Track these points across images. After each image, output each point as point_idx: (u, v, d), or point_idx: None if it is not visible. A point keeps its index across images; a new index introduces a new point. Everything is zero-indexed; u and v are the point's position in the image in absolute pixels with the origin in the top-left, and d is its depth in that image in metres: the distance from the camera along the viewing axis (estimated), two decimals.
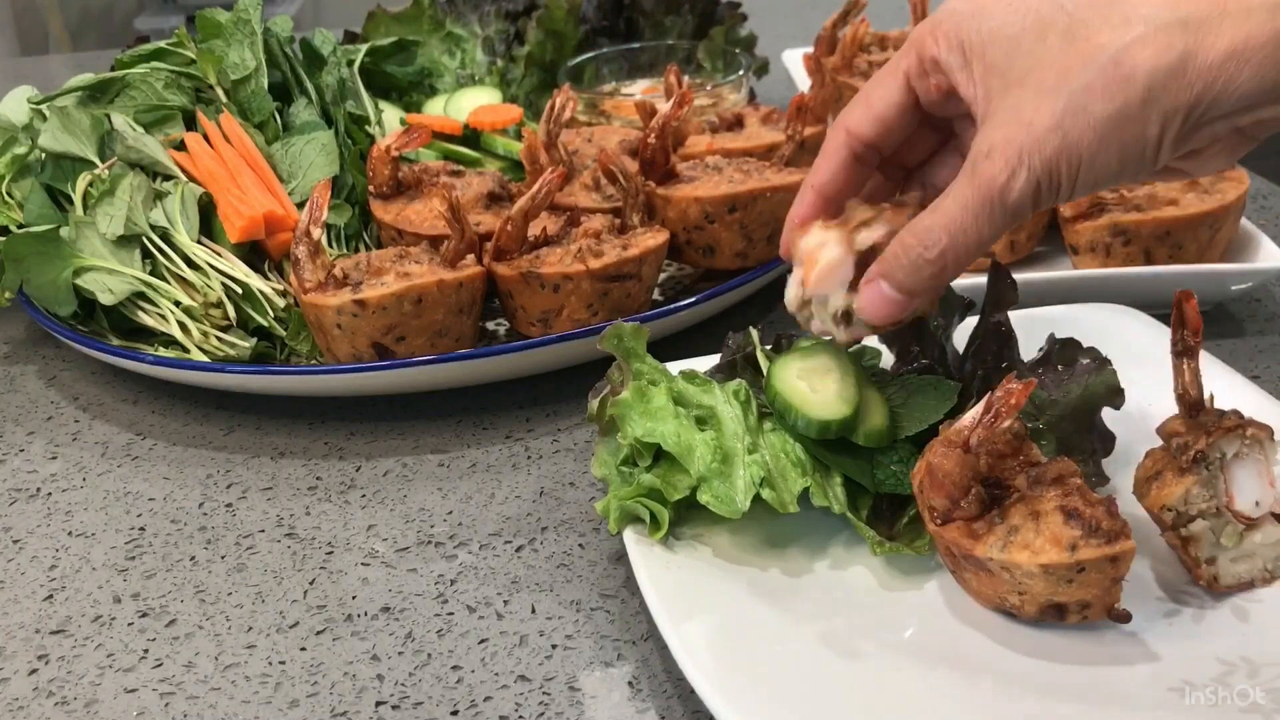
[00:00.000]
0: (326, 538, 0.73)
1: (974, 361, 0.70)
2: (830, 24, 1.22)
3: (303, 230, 0.81)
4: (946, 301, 0.71)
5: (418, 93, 1.19)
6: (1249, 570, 0.60)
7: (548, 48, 1.23)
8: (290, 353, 0.87)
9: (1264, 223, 1.02)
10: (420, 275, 0.80)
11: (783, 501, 0.62)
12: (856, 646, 0.58)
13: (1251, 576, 0.60)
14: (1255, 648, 0.56)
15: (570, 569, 0.69)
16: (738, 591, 0.61)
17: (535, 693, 0.61)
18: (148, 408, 0.89)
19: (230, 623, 0.67)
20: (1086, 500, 0.56)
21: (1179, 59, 0.52)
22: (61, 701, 0.62)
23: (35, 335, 1.00)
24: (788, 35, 1.50)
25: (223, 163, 0.93)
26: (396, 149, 0.92)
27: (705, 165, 0.93)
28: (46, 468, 0.83)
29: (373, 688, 0.62)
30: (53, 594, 0.70)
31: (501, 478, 0.78)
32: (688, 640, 0.57)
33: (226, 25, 1.03)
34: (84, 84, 1.01)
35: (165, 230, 0.89)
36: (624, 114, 1.11)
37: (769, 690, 0.55)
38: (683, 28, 1.28)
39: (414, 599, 0.68)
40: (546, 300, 0.82)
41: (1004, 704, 0.54)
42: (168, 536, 0.75)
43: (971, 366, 0.70)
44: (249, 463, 0.81)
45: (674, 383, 0.66)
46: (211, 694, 0.62)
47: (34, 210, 0.94)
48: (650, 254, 0.84)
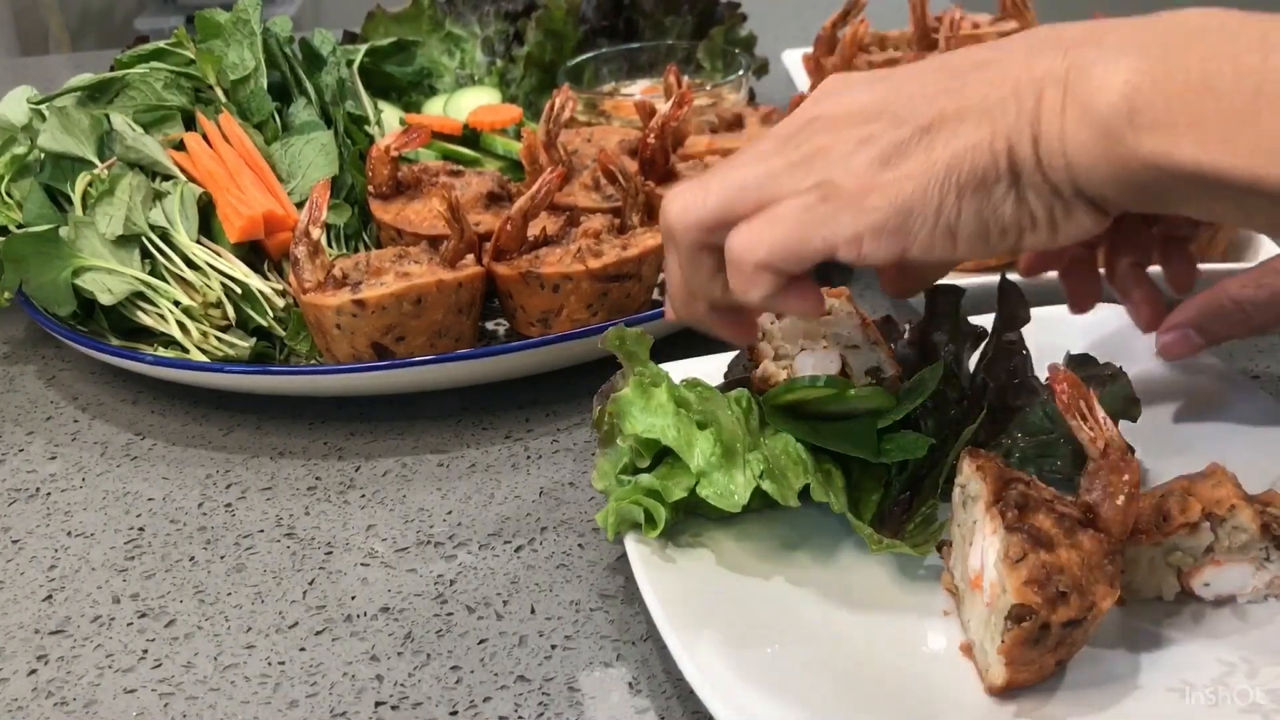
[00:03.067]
0: (326, 538, 0.73)
1: (985, 374, 0.69)
2: (830, 24, 1.22)
3: (302, 230, 0.80)
4: (958, 329, 0.70)
5: (417, 93, 1.19)
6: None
7: (547, 48, 1.23)
8: (290, 353, 0.87)
9: None
10: (420, 275, 0.80)
11: (783, 494, 0.62)
12: (857, 647, 0.58)
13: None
14: (1255, 648, 0.56)
15: (570, 569, 0.69)
16: (738, 592, 0.61)
17: (534, 693, 0.61)
18: (147, 408, 0.89)
19: (229, 623, 0.67)
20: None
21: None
22: (61, 702, 0.62)
23: (35, 335, 1.00)
24: (788, 35, 1.50)
25: (222, 163, 0.93)
26: (396, 149, 0.92)
27: (705, 165, 0.93)
28: (46, 468, 0.82)
29: (372, 688, 0.62)
30: (52, 594, 0.70)
31: (501, 478, 0.78)
32: (687, 641, 0.56)
33: (226, 25, 1.03)
34: (83, 84, 1.01)
35: (165, 230, 0.89)
36: (624, 114, 1.11)
37: (768, 691, 0.55)
38: (682, 28, 1.28)
39: (413, 599, 0.68)
40: (546, 300, 0.82)
41: (1005, 704, 0.54)
42: (167, 537, 0.74)
43: (983, 379, 0.69)
44: (248, 463, 0.81)
45: (675, 389, 0.66)
46: (211, 694, 0.62)
47: (33, 210, 0.93)
48: (650, 254, 0.84)
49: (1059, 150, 0.49)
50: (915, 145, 0.52)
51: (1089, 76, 0.48)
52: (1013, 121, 0.50)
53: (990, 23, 1.21)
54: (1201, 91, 0.46)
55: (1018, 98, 0.50)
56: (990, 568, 0.54)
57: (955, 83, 0.52)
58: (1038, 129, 0.50)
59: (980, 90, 0.51)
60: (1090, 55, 0.49)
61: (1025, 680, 0.54)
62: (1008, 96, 0.50)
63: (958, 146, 0.51)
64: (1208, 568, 0.58)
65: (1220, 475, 0.59)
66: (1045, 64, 0.50)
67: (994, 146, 0.50)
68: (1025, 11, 1.18)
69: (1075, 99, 0.49)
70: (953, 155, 0.51)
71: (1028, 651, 0.52)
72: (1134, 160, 0.48)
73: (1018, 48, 0.52)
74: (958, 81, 0.52)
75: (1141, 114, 0.47)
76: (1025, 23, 1.17)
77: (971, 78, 0.52)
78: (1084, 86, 0.48)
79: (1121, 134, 0.48)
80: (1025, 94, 0.50)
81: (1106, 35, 0.50)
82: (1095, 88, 0.48)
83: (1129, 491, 0.55)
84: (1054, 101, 0.49)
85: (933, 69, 0.54)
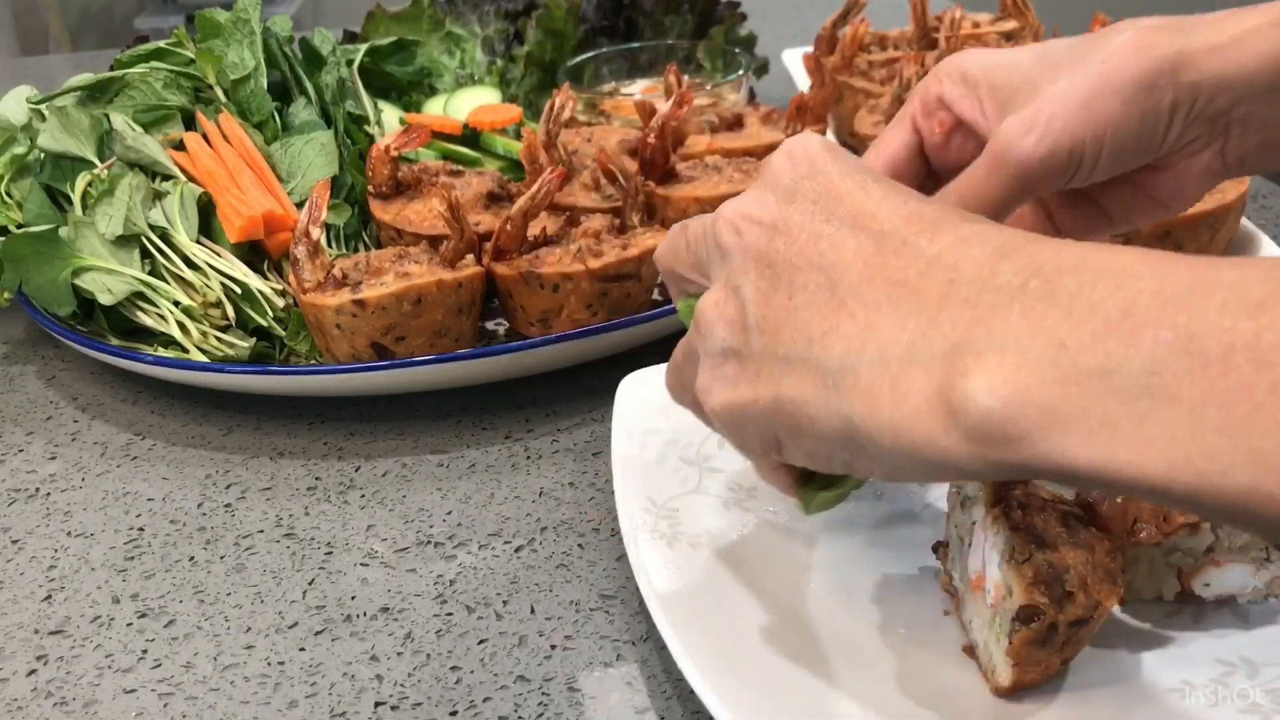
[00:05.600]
0: (325, 538, 0.73)
1: None
2: (830, 24, 1.22)
3: (302, 230, 0.81)
4: None
5: (417, 92, 1.19)
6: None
7: (547, 47, 1.23)
8: (289, 353, 0.87)
9: (1264, 223, 1.02)
10: (419, 275, 0.80)
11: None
12: (858, 648, 0.58)
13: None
14: (1255, 648, 0.56)
15: (570, 569, 0.69)
16: (738, 592, 0.61)
17: (534, 693, 0.60)
18: (147, 408, 0.89)
19: (229, 623, 0.67)
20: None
21: (1183, 45, 0.54)
22: (60, 702, 0.62)
23: (34, 335, 1.00)
24: (788, 35, 1.50)
25: (222, 162, 0.93)
26: (396, 149, 0.92)
27: (705, 165, 0.93)
28: (45, 468, 0.82)
29: (372, 688, 0.62)
30: (51, 594, 0.70)
31: (501, 478, 0.78)
32: (687, 641, 0.56)
33: (226, 25, 1.03)
34: (83, 84, 1.01)
35: (164, 230, 0.89)
36: (624, 114, 1.11)
37: (768, 691, 0.55)
38: (683, 27, 1.28)
39: (413, 599, 0.68)
40: (546, 300, 0.82)
41: (1005, 704, 0.54)
42: (167, 537, 0.74)
43: None
44: (248, 463, 0.81)
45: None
46: (210, 694, 0.62)
47: (33, 210, 0.93)
48: (650, 254, 0.84)
49: (897, 443, 0.42)
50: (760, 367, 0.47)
51: (944, 371, 0.41)
52: (850, 396, 0.43)
53: (990, 22, 1.21)
54: (1094, 381, 0.38)
55: (855, 372, 0.43)
56: (994, 569, 0.54)
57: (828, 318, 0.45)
58: (873, 413, 0.43)
59: (838, 345, 0.44)
60: (945, 341, 0.41)
61: (1032, 680, 0.54)
62: (862, 365, 0.43)
63: (792, 393, 0.46)
64: (1208, 568, 0.58)
65: None
66: (895, 335, 0.43)
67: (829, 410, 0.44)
68: (1026, 11, 1.18)
69: (926, 394, 0.41)
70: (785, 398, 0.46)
71: (1035, 652, 0.52)
72: (1004, 464, 0.40)
73: (877, 284, 0.44)
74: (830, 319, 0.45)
75: (1013, 420, 0.39)
76: (1025, 22, 1.17)
77: (844, 320, 0.45)
78: (937, 382, 0.41)
79: (993, 441, 0.39)
80: (865, 369, 0.43)
81: (950, 305, 0.42)
82: (954, 386, 0.40)
83: None
84: (897, 389, 0.42)
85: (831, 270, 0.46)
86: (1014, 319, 0.40)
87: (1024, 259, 0.41)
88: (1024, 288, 0.40)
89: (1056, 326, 0.38)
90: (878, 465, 0.44)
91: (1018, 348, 0.39)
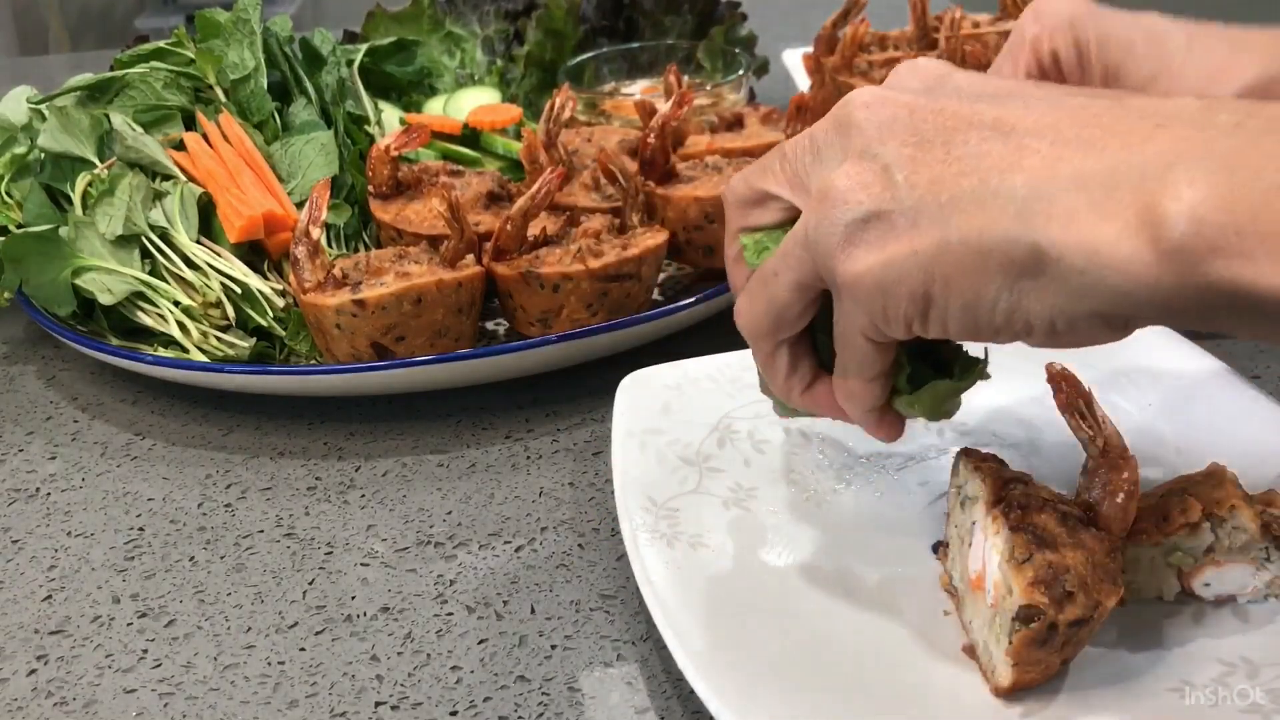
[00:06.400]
0: (326, 538, 0.73)
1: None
2: (830, 24, 1.22)
3: (302, 230, 0.81)
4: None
5: (417, 93, 1.19)
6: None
7: (547, 47, 1.23)
8: (289, 352, 0.87)
9: None
10: (419, 275, 0.80)
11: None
12: (859, 647, 0.58)
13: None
14: (1255, 648, 0.56)
15: (570, 569, 0.69)
16: (738, 592, 0.61)
17: (534, 693, 0.61)
18: (147, 408, 0.89)
19: (229, 623, 0.67)
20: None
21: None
22: (60, 702, 0.62)
23: (34, 335, 1.00)
24: (788, 35, 1.50)
25: (222, 163, 0.93)
26: (396, 149, 0.92)
27: (705, 165, 0.93)
28: (45, 468, 0.83)
29: (372, 688, 0.62)
30: (51, 594, 0.70)
31: (501, 478, 0.78)
32: (687, 641, 0.56)
33: (226, 25, 1.03)
34: (83, 84, 1.01)
35: (164, 230, 0.89)
36: (624, 114, 1.11)
37: (768, 691, 0.55)
38: (683, 27, 1.28)
39: (413, 599, 0.68)
40: (546, 300, 0.82)
41: (1005, 705, 0.54)
42: (167, 537, 0.74)
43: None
44: (248, 463, 0.81)
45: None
46: (210, 694, 0.62)
47: (33, 210, 0.93)
48: (650, 254, 0.84)
49: (1090, 263, 0.43)
50: (911, 221, 0.47)
51: (1148, 192, 0.42)
52: (1041, 221, 0.44)
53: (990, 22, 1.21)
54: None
55: (1050, 198, 0.44)
56: (994, 569, 0.54)
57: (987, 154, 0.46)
58: (1068, 234, 0.43)
59: (992, 172, 0.45)
60: (1152, 166, 0.42)
61: (1032, 680, 0.54)
62: (1042, 189, 0.44)
63: (962, 232, 0.46)
64: (1208, 568, 0.58)
65: (1220, 475, 0.59)
66: (1091, 164, 0.44)
67: (1008, 236, 0.44)
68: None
69: (1130, 212, 0.42)
70: (958, 237, 0.46)
71: (1035, 652, 0.52)
72: (1193, 287, 0.41)
73: (1064, 128, 0.45)
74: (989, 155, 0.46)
75: (1215, 238, 0.40)
76: None
77: (991, 151, 0.46)
78: (1142, 202, 0.42)
79: (1191, 260, 0.41)
80: (1060, 194, 0.44)
81: (1159, 136, 0.43)
82: (1159, 204, 0.41)
83: (1128, 490, 0.55)
84: (1099, 209, 0.43)
85: (988, 117, 0.47)
86: (1234, 144, 0.41)
87: (1239, 106, 0.43)
88: (1241, 125, 0.42)
89: (1276, 152, 0.40)
90: (1057, 295, 0.44)
91: (1228, 168, 0.40)
